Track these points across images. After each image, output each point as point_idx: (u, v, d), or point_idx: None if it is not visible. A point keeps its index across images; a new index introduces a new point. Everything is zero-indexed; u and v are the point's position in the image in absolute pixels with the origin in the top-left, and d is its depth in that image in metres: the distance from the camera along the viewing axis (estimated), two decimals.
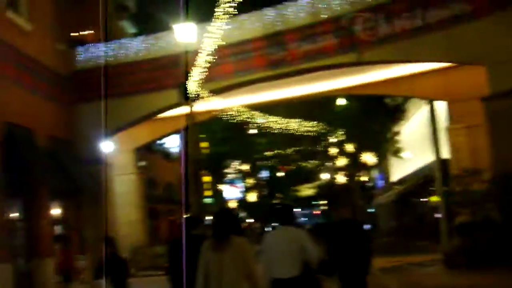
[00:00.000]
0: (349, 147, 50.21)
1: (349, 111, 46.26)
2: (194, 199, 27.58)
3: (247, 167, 65.68)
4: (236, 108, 35.44)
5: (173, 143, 51.75)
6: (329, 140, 51.70)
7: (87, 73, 31.70)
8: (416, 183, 45.04)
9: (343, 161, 52.68)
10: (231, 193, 71.21)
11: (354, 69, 31.62)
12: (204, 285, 8.67)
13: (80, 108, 31.33)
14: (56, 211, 29.11)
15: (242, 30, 30.14)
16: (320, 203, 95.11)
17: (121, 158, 35.11)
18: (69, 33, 33.53)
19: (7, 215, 23.91)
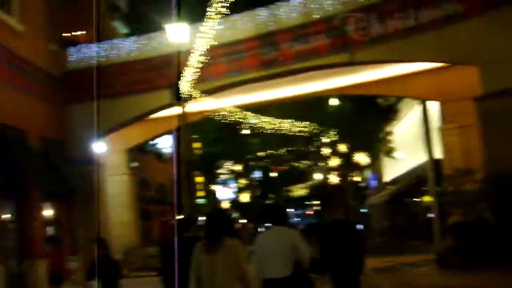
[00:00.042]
0: (342, 147, 50.20)
1: (341, 111, 46.21)
2: (186, 200, 27.53)
3: (239, 168, 65.63)
4: (229, 108, 35.38)
5: (166, 144, 51.69)
6: (321, 140, 51.69)
7: (79, 73, 31.62)
8: (409, 183, 45.03)
9: (335, 161, 52.68)
10: (224, 193, 71.17)
11: (347, 69, 31.59)
12: (197, 286, 8.60)
13: (72, 108, 31.27)
14: (48, 212, 29.04)
15: (235, 30, 30.11)
16: (312, 203, 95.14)
17: (113, 159, 35.02)
18: (61, 34, 33.45)
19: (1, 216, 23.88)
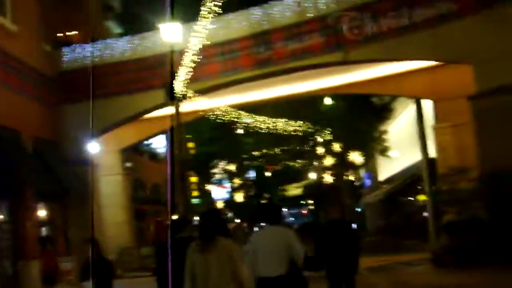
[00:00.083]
0: (336, 146, 50.15)
1: (336, 111, 46.21)
2: (181, 200, 27.43)
3: (234, 167, 65.60)
4: (223, 108, 35.34)
5: (160, 144, 51.63)
6: (316, 140, 51.63)
7: (72, 73, 31.57)
8: (404, 182, 45.07)
9: (330, 161, 52.62)
10: (218, 193, 71.14)
11: (341, 68, 31.55)
12: (191, 286, 8.60)
13: (66, 109, 31.20)
14: (42, 212, 28.96)
15: (229, 29, 30.08)
16: (307, 202, 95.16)
17: (108, 159, 34.94)
18: (54, 34, 33.40)
19: None
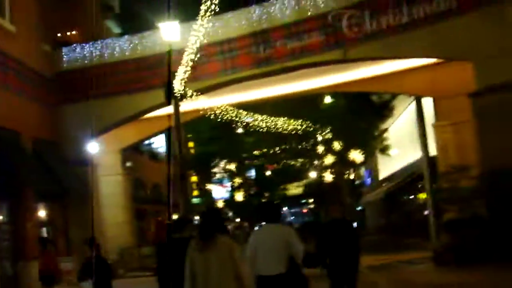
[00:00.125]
0: (337, 145, 50.08)
1: (336, 109, 46.15)
2: (181, 200, 27.34)
3: (234, 166, 65.45)
4: (223, 107, 35.26)
5: (160, 143, 51.57)
6: (316, 138, 51.53)
7: (72, 74, 31.56)
8: (404, 181, 45.01)
9: (330, 159, 52.54)
10: (219, 192, 71.06)
11: (341, 66, 31.48)
12: (192, 285, 8.56)
13: (65, 109, 31.17)
14: (42, 213, 28.94)
15: (228, 28, 30.05)
16: (308, 201, 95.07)
17: (108, 159, 34.87)
18: (53, 34, 33.33)
19: None
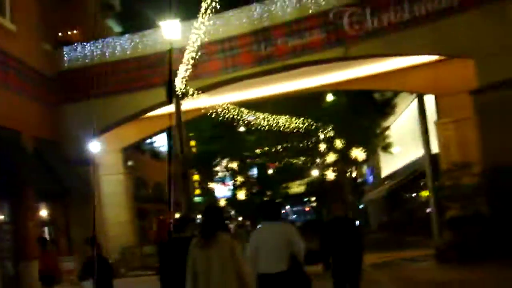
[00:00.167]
0: (339, 143, 49.98)
1: (337, 107, 46.09)
2: (183, 199, 27.29)
3: (236, 165, 65.39)
4: (224, 105, 35.19)
5: (162, 142, 51.50)
6: (318, 137, 51.44)
7: (72, 73, 31.54)
8: (406, 178, 44.96)
9: (332, 157, 52.44)
10: (221, 191, 71.03)
11: (342, 64, 31.41)
12: (193, 283, 8.54)
13: (66, 108, 31.13)
14: (43, 212, 28.91)
15: (229, 26, 30.00)
16: (310, 200, 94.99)
17: (109, 158, 34.81)
18: (54, 33, 33.29)
19: None
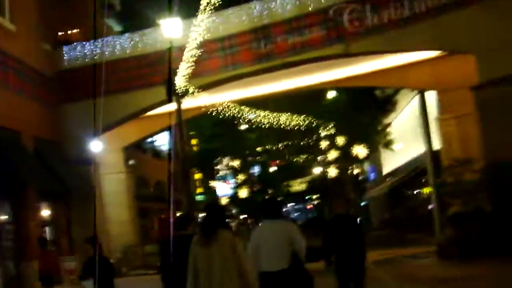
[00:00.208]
0: (340, 140, 49.92)
1: (338, 104, 46.07)
2: (184, 197, 27.29)
3: (237, 163, 65.43)
4: (225, 103, 35.16)
5: (163, 141, 51.48)
6: (320, 134, 51.41)
7: (72, 72, 31.50)
8: (408, 175, 44.93)
9: (334, 155, 52.39)
10: (222, 189, 71.06)
11: (342, 61, 31.39)
12: (195, 280, 8.57)
13: (66, 108, 31.12)
14: (44, 212, 28.89)
15: (229, 24, 29.95)
16: (312, 197, 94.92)
17: (110, 157, 34.81)
18: (54, 33, 33.29)
19: None
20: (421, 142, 35.18)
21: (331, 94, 45.58)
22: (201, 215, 22.11)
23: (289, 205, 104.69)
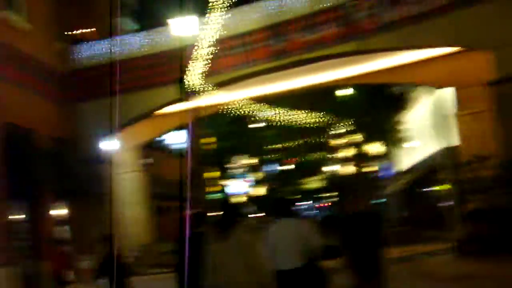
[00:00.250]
0: (355, 137, 49.86)
1: (354, 101, 45.96)
2: (200, 195, 27.30)
3: (253, 161, 65.50)
4: (240, 101, 35.08)
5: (179, 139, 51.42)
6: (335, 131, 51.38)
7: (87, 71, 31.50)
8: (425, 172, 44.71)
9: (350, 152, 52.32)
10: (238, 187, 71.11)
11: (357, 58, 31.24)
12: (210, 276, 8.63)
13: (81, 106, 31.11)
14: (60, 211, 28.91)
15: (243, 21, 29.88)
16: (328, 195, 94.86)
17: (125, 156, 34.82)
18: (68, 31, 33.27)
19: (11, 217, 23.72)
20: (438, 139, 34.99)
21: (347, 91, 45.44)
22: (216, 213, 22.03)
23: (305, 202, 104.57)
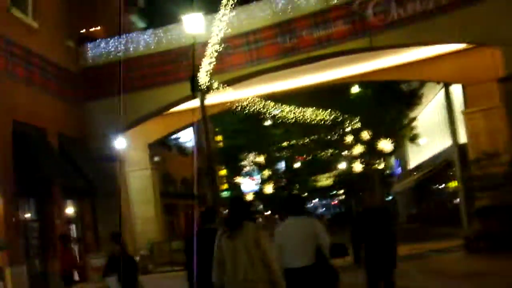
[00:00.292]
0: (366, 134, 49.66)
1: (364, 98, 45.85)
2: (210, 193, 27.25)
3: (263, 159, 65.39)
4: (250, 99, 35.01)
5: (188, 137, 51.45)
6: (345, 128, 51.19)
7: (97, 69, 31.50)
8: (434, 169, 44.63)
9: (360, 149, 52.14)
10: (248, 185, 70.99)
11: (368, 55, 31.19)
12: (220, 272, 8.58)
13: (91, 105, 31.12)
14: (70, 210, 28.95)
15: (253, 18, 29.83)
16: (338, 193, 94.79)
17: (135, 154, 34.86)
18: (77, 30, 33.29)
19: (21, 215, 23.76)
20: (447, 136, 34.91)
21: (356, 89, 45.31)
22: (226, 211, 22.00)
23: (314, 200, 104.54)
